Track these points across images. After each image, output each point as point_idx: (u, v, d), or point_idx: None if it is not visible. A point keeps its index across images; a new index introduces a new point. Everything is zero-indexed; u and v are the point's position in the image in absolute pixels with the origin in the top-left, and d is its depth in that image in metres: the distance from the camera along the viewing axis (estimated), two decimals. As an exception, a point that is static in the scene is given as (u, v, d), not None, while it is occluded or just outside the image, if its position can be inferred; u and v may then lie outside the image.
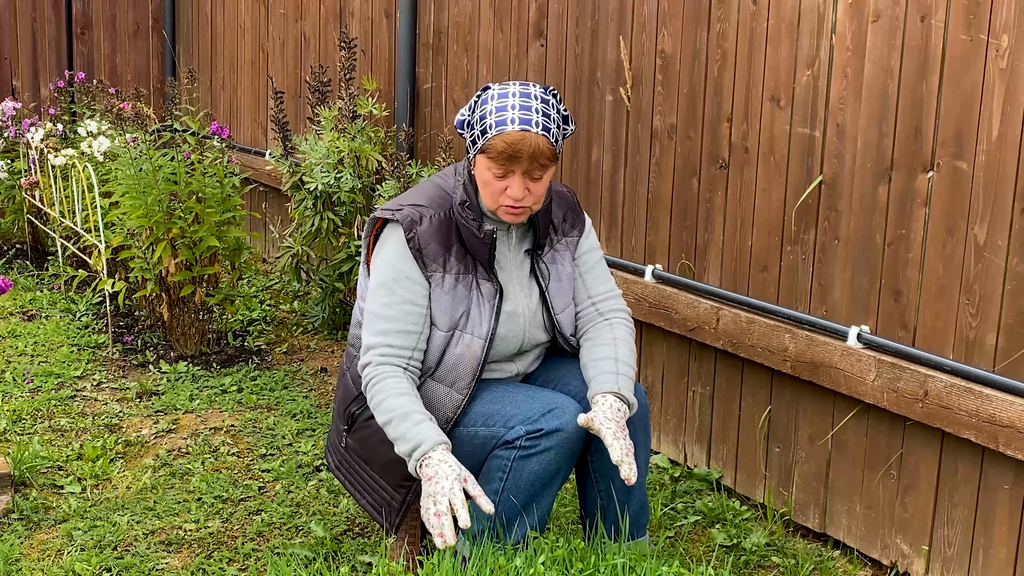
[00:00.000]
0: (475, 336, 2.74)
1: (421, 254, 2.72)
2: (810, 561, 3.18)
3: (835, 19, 3.10)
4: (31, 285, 5.85)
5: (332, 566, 2.98)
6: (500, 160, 2.64)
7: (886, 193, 3.01)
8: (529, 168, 2.65)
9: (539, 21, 4.19)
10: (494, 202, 2.72)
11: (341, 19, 5.61)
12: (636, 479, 2.60)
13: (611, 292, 2.95)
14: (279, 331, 5.23)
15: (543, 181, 2.70)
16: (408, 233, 2.72)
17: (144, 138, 4.61)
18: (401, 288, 2.72)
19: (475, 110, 2.71)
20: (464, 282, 2.75)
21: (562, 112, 2.73)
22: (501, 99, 2.67)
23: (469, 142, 2.73)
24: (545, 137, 2.64)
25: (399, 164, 4.58)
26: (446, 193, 2.80)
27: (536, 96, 2.68)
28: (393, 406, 2.62)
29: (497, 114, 2.65)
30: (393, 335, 2.70)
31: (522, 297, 2.82)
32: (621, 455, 2.56)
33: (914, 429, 3.01)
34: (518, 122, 2.63)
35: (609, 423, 2.61)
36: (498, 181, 2.68)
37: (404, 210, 2.76)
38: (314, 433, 4.04)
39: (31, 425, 4.05)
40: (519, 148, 2.62)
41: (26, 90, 7.40)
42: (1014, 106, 2.69)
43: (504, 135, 2.63)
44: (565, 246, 2.90)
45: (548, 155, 2.65)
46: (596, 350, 2.82)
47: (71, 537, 3.25)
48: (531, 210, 2.74)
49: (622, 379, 2.73)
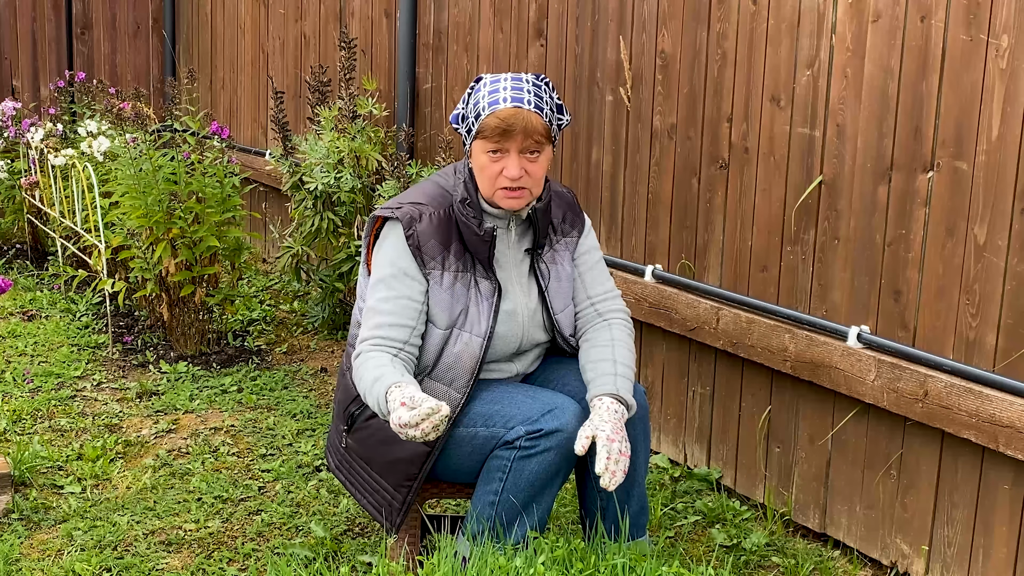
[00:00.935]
0: (473, 334, 2.74)
1: (420, 251, 2.73)
2: (810, 561, 3.18)
3: (835, 19, 3.10)
4: (31, 285, 5.85)
5: (332, 566, 2.98)
6: (494, 137, 2.66)
7: (886, 193, 3.01)
8: (524, 145, 2.67)
9: (539, 21, 4.19)
10: (491, 186, 2.72)
11: (341, 19, 5.61)
12: (636, 472, 2.59)
13: (610, 292, 2.94)
14: (279, 331, 5.23)
15: (540, 163, 2.71)
16: (407, 231, 2.73)
17: (144, 138, 4.60)
18: (399, 284, 2.73)
19: (468, 101, 2.74)
20: (463, 280, 2.75)
21: (555, 99, 2.75)
22: (493, 84, 2.71)
23: (464, 132, 2.75)
24: (538, 114, 2.67)
25: (399, 164, 4.58)
26: (446, 191, 2.81)
27: (528, 80, 2.72)
28: (366, 375, 2.62)
29: (489, 96, 2.68)
30: (387, 328, 2.71)
31: (521, 296, 2.82)
32: (604, 465, 2.56)
33: (914, 429, 3.01)
34: (510, 100, 2.66)
35: (605, 425, 2.61)
36: (494, 164, 2.69)
37: (403, 208, 2.77)
38: (314, 433, 4.04)
39: (31, 425, 4.05)
40: (512, 123, 2.64)
41: (26, 90, 7.40)
42: (1014, 106, 2.69)
43: (496, 112, 2.66)
44: (564, 246, 2.90)
45: (542, 131, 2.67)
46: (594, 352, 2.82)
47: (71, 537, 3.25)
48: (530, 194, 2.74)
49: (620, 380, 2.73)
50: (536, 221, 2.81)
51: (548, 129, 2.69)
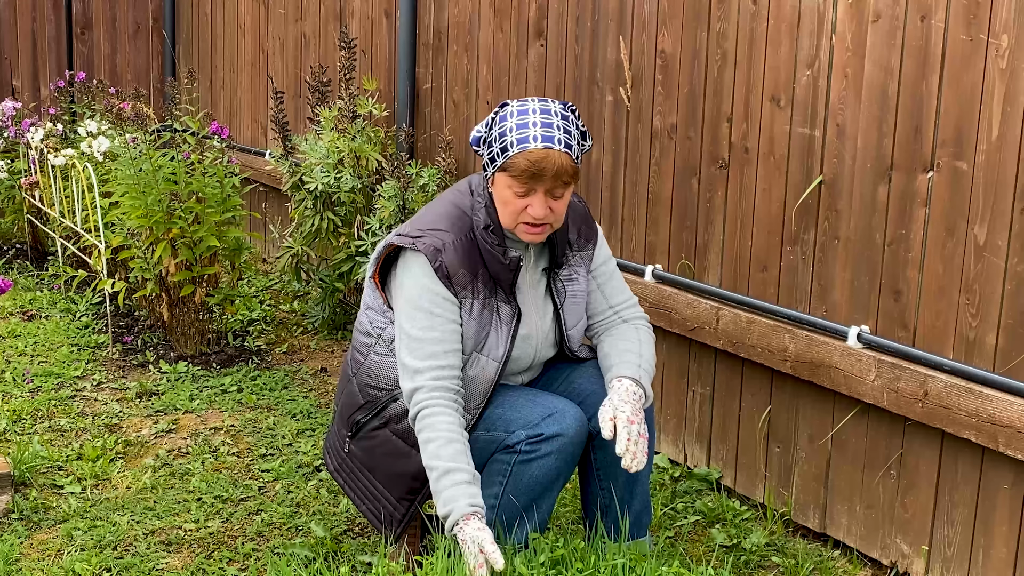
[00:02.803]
0: (490, 359, 2.71)
1: (451, 282, 2.66)
2: (810, 561, 3.18)
3: (835, 19, 3.10)
4: (31, 285, 5.85)
5: (332, 566, 2.98)
6: (523, 179, 2.59)
7: (886, 193, 3.01)
8: (552, 187, 2.60)
9: (539, 21, 4.19)
10: (513, 221, 2.66)
11: (341, 19, 5.61)
12: (641, 470, 2.59)
13: (631, 300, 2.94)
14: (279, 331, 5.23)
15: (564, 199, 2.65)
16: (434, 263, 2.65)
17: (144, 138, 4.60)
18: (440, 309, 2.66)
19: (492, 127, 2.65)
20: (488, 306, 2.71)
21: (580, 128, 2.68)
22: (521, 116, 2.61)
23: (487, 159, 2.67)
24: (568, 154, 2.59)
25: (399, 164, 4.58)
26: (464, 213, 2.73)
27: (556, 112, 2.63)
28: (439, 454, 2.56)
29: (518, 131, 2.59)
30: (441, 356, 2.64)
31: (536, 319, 2.80)
32: (624, 447, 2.55)
33: (914, 429, 3.01)
34: (540, 140, 2.57)
35: (624, 406, 2.60)
36: (519, 200, 2.63)
37: (425, 238, 2.68)
38: (314, 433, 4.04)
39: (31, 425, 4.05)
40: (543, 167, 2.57)
41: (26, 90, 7.40)
42: (1014, 106, 2.69)
43: (527, 153, 2.57)
44: (580, 260, 2.86)
45: (571, 173, 2.61)
46: (621, 344, 2.80)
47: (71, 537, 3.25)
48: (551, 228, 2.70)
49: (643, 372, 2.73)
50: (555, 242, 2.78)
51: (577, 169, 2.63)
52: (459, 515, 2.49)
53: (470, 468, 2.56)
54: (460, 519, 2.48)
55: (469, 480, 2.54)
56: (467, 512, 2.48)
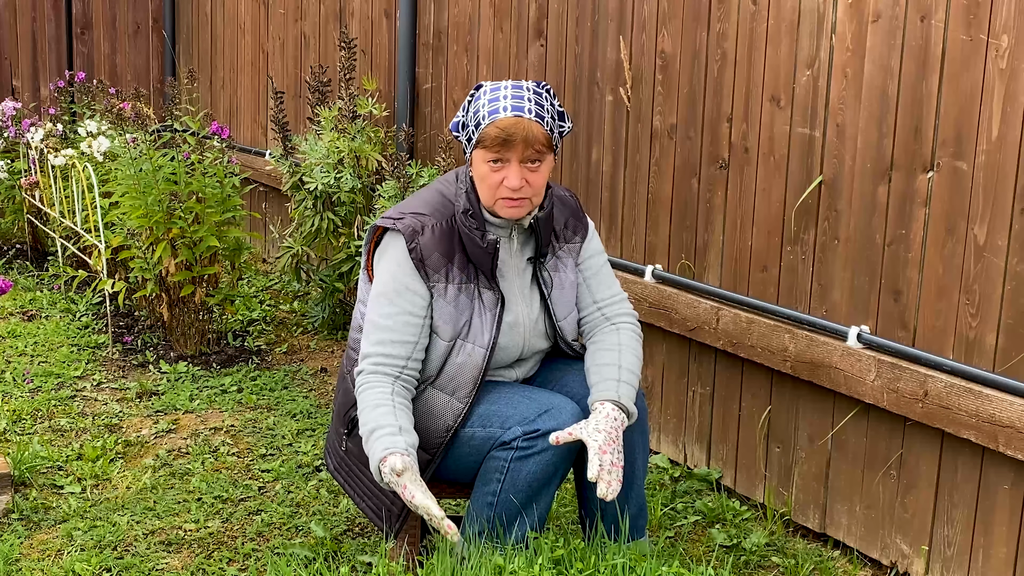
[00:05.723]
0: (476, 346, 2.73)
1: (424, 264, 2.71)
2: (810, 561, 3.18)
3: (835, 19, 3.10)
4: (31, 285, 5.85)
5: (332, 566, 2.98)
6: (494, 147, 2.63)
7: (886, 193, 3.01)
8: (524, 155, 2.64)
9: (539, 21, 4.19)
10: (492, 196, 2.70)
11: (341, 19, 5.61)
12: (636, 473, 2.59)
13: (617, 296, 2.93)
14: (279, 331, 5.23)
15: (541, 172, 2.69)
16: (410, 244, 2.70)
17: (144, 138, 4.60)
18: (401, 299, 2.71)
19: (468, 109, 2.72)
20: (466, 291, 2.74)
21: (556, 107, 2.72)
22: (493, 92, 2.69)
23: (465, 141, 2.73)
24: (539, 123, 2.64)
25: (399, 164, 4.58)
26: (447, 200, 2.78)
27: (528, 88, 2.69)
28: (365, 421, 2.65)
29: (490, 105, 2.66)
30: (388, 344, 2.70)
31: (523, 307, 2.81)
32: (596, 473, 2.55)
33: (914, 429, 3.01)
34: (511, 109, 2.64)
35: (598, 435, 2.59)
36: (495, 173, 2.67)
37: (405, 219, 2.74)
38: (314, 433, 4.04)
39: (31, 425, 4.05)
40: (512, 132, 2.62)
41: (26, 90, 7.40)
42: (1014, 106, 2.69)
43: (497, 121, 2.63)
44: (567, 252, 2.87)
45: (543, 141, 2.65)
46: (600, 355, 2.81)
47: (71, 537, 3.25)
48: (531, 203, 2.72)
49: (623, 387, 2.71)
50: (538, 230, 2.79)
51: (549, 138, 2.66)
52: (376, 461, 2.57)
53: (396, 422, 2.61)
54: (379, 464, 2.56)
55: (392, 432, 2.60)
56: (382, 456, 2.56)
